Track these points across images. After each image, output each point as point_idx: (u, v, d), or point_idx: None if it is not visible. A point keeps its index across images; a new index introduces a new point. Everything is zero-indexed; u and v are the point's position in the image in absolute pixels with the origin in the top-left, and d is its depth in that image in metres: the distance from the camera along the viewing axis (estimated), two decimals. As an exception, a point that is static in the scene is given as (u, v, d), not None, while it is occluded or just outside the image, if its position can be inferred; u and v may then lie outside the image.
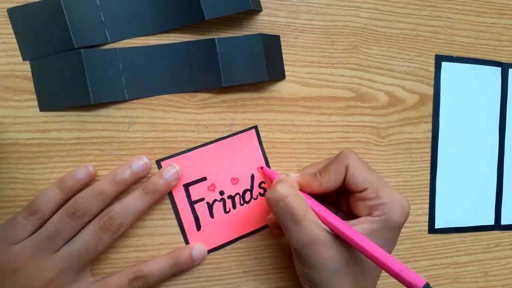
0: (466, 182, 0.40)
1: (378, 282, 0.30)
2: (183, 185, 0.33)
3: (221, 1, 0.31)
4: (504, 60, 0.40)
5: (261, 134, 0.34)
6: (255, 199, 0.34)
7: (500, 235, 0.41)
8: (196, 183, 0.33)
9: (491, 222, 0.40)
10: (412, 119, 0.38)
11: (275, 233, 0.34)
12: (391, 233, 0.28)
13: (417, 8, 0.37)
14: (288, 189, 0.28)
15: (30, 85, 0.31)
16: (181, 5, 0.31)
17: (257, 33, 0.33)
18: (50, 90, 0.31)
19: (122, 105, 0.32)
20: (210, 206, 0.33)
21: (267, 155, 0.35)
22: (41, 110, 0.31)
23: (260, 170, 0.34)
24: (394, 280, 0.24)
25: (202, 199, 0.33)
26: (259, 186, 0.34)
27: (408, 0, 0.37)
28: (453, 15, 0.38)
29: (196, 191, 0.33)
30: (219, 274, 0.34)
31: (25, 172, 0.31)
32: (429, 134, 0.38)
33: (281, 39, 0.34)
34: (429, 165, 0.39)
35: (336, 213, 0.31)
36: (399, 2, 0.37)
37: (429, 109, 0.38)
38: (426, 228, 0.39)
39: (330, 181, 0.29)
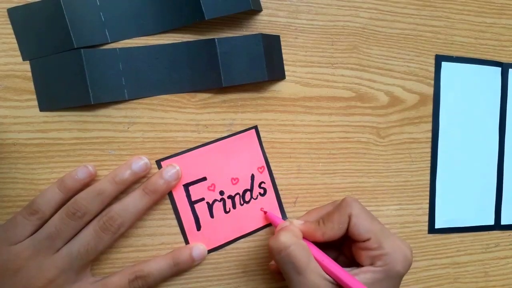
0: (466, 182, 0.39)
1: None
2: (183, 185, 0.33)
3: (221, 1, 0.31)
4: (504, 60, 0.40)
5: (261, 134, 0.34)
6: (255, 199, 0.34)
7: (500, 235, 0.41)
8: (196, 183, 0.33)
9: (491, 222, 0.40)
10: (412, 119, 0.38)
11: (278, 278, 0.34)
12: (393, 282, 0.28)
13: (417, 8, 0.37)
14: (291, 239, 0.28)
15: (30, 85, 0.31)
16: (181, 5, 0.31)
17: (257, 33, 0.33)
18: (50, 90, 0.31)
19: (122, 105, 0.32)
20: (210, 206, 0.33)
21: (267, 155, 0.35)
22: (41, 110, 0.31)
23: (264, 212, 0.34)
24: None
25: (202, 199, 0.33)
26: (259, 186, 0.34)
27: (408, 0, 0.37)
28: (453, 15, 0.38)
29: (196, 191, 0.33)
30: (219, 274, 0.34)
31: (25, 172, 0.31)
32: (429, 134, 0.38)
33: (281, 39, 0.34)
34: (429, 165, 0.39)
35: (338, 257, 0.31)
36: (399, 2, 0.37)
37: (429, 109, 0.38)
38: (426, 228, 0.39)
39: (333, 231, 0.29)
